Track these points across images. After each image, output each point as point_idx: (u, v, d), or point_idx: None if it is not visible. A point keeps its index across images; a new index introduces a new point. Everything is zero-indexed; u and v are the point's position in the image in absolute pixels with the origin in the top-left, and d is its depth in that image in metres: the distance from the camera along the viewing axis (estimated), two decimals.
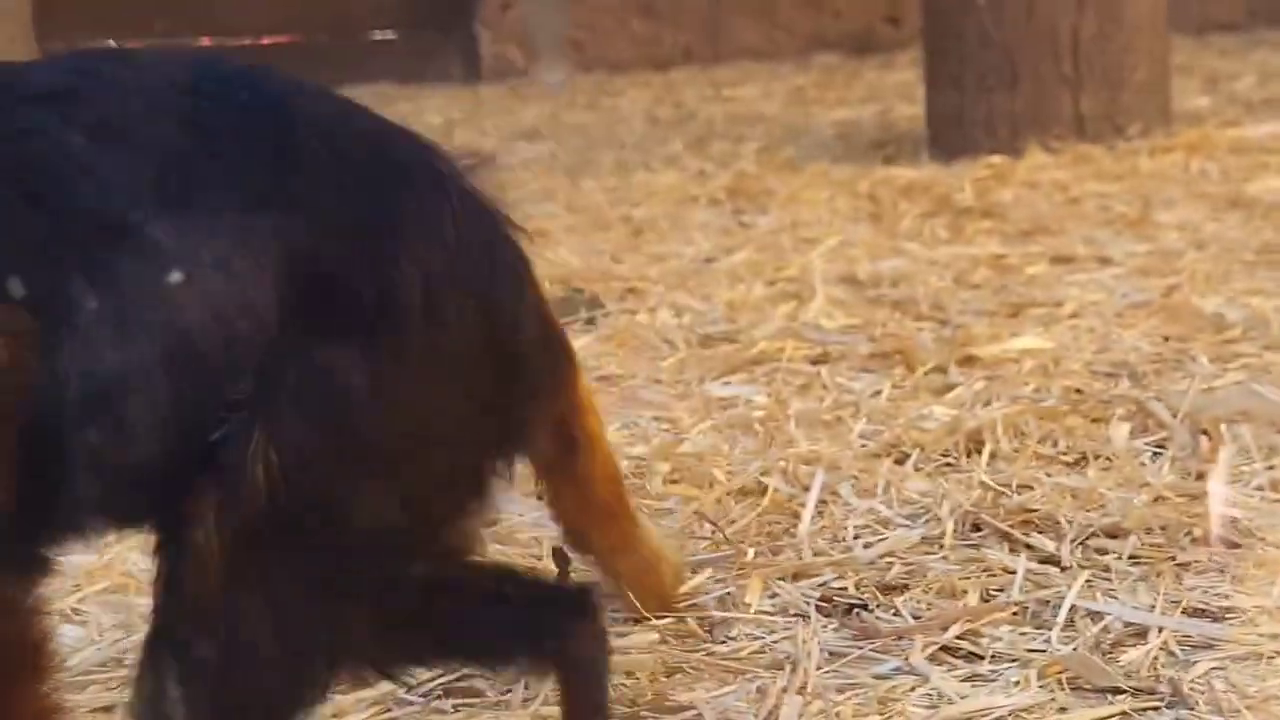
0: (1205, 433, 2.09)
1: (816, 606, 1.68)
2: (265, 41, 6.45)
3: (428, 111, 5.58)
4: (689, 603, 1.69)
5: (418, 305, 1.19)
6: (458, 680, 1.52)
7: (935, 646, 1.59)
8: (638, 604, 1.64)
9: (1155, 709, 1.45)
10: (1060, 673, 1.52)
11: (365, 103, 5.33)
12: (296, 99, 1.24)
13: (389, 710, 1.48)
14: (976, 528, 1.85)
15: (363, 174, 1.22)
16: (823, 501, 1.93)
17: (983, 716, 1.46)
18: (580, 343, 2.64)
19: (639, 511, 1.64)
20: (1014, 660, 1.56)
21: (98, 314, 1.09)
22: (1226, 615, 1.62)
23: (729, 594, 1.72)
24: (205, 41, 6.44)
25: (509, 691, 1.50)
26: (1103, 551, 1.78)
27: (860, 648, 1.59)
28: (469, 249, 1.24)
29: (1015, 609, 1.66)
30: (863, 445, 2.11)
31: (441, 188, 1.25)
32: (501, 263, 1.27)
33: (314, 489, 1.14)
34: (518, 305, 1.28)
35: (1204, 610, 1.63)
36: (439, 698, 1.50)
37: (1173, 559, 1.75)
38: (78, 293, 1.09)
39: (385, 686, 1.50)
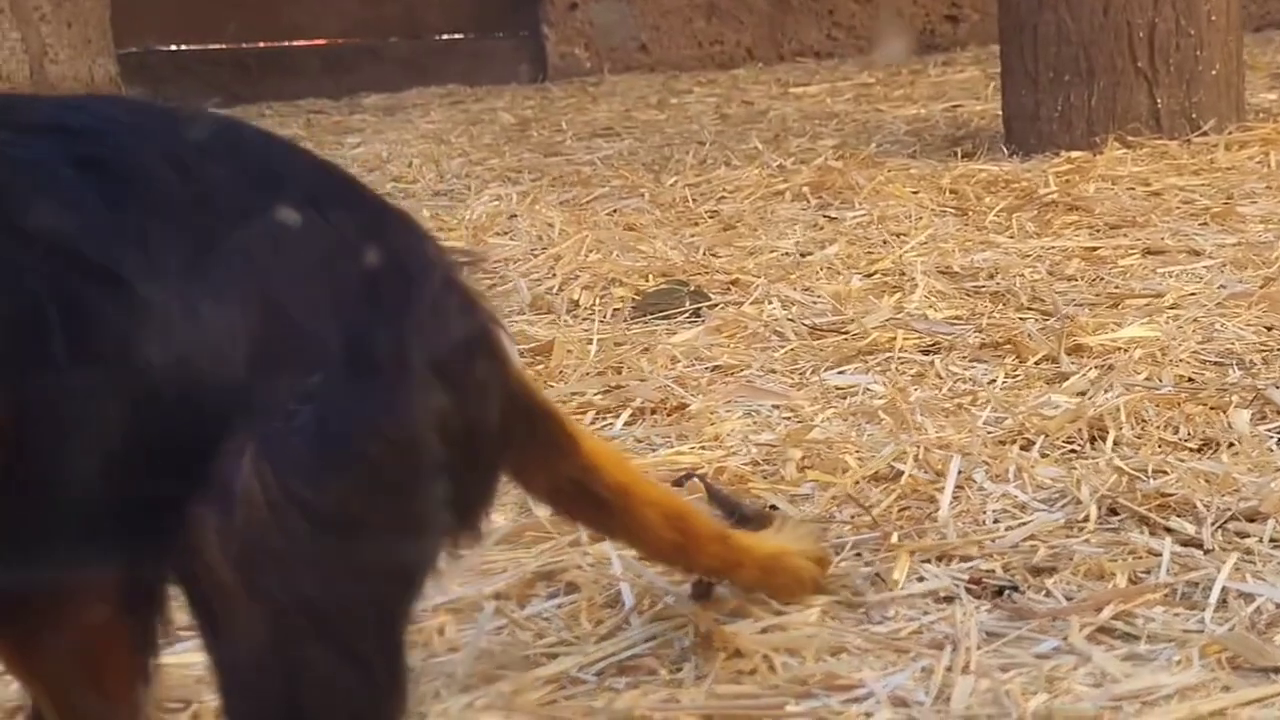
0: None
1: (966, 588, 1.69)
2: (336, 43, 6.47)
3: (500, 111, 5.60)
4: (840, 584, 1.69)
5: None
6: (630, 659, 1.53)
7: (1091, 627, 1.59)
8: (786, 599, 1.66)
9: None
10: (1220, 653, 1.52)
11: (436, 104, 5.41)
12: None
13: (563, 688, 1.49)
14: (1114, 511, 1.85)
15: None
16: (958, 487, 1.93)
17: (1149, 695, 1.46)
18: (688, 335, 2.66)
19: (724, 526, 1.64)
20: (1170, 641, 1.57)
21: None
22: None
23: (878, 576, 1.72)
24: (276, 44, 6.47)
25: (679, 669, 1.51)
26: (1243, 535, 1.78)
27: (1017, 628, 1.60)
28: (442, 334, 1.21)
29: (1165, 590, 1.66)
30: (989, 432, 2.12)
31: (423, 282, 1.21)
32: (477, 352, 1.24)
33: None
34: (488, 389, 1.25)
35: None
36: (613, 675, 1.51)
37: None
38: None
39: (559, 665, 1.51)
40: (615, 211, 3.66)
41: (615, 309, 2.82)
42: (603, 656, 1.52)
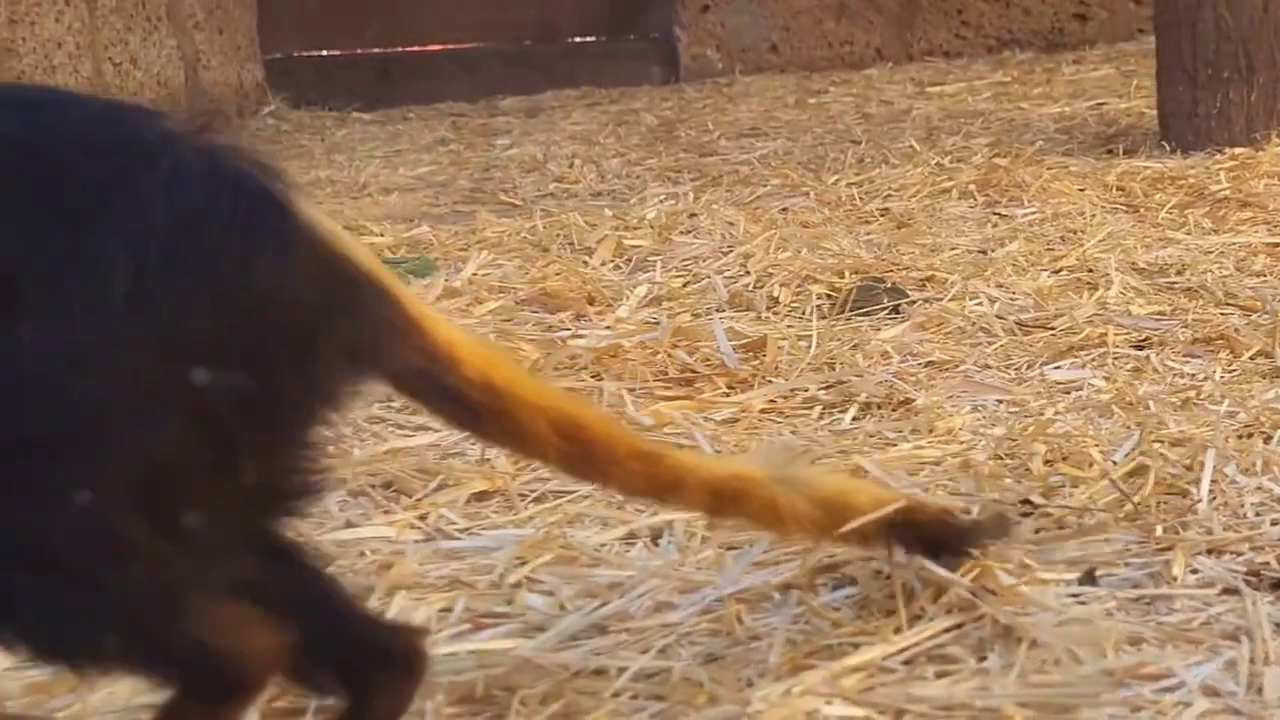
0: None
1: (1244, 580, 1.68)
2: (473, 47, 6.51)
3: (640, 112, 5.61)
4: (1107, 575, 1.69)
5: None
6: (933, 649, 1.53)
7: None
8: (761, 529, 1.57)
9: None
10: None
11: (574, 106, 5.42)
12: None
13: (873, 676, 1.49)
14: None
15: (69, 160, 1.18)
16: (1211, 480, 1.92)
17: None
18: (895, 331, 2.66)
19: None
20: None
21: None
22: None
23: (1152, 568, 1.71)
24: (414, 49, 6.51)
25: (984, 659, 1.51)
26: None
27: None
28: (191, 220, 1.18)
29: None
30: (1229, 425, 2.10)
31: (153, 160, 1.19)
32: (242, 225, 1.19)
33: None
34: (274, 265, 1.20)
35: None
36: (922, 664, 1.51)
37: None
38: None
39: (865, 655, 1.51)
40: (785, 210, 3.66)
41: (815, 305, 2.83)
42: (907, 646, 1.53)
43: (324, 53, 6.49)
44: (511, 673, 1.49)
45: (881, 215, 3.59)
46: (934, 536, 1.60)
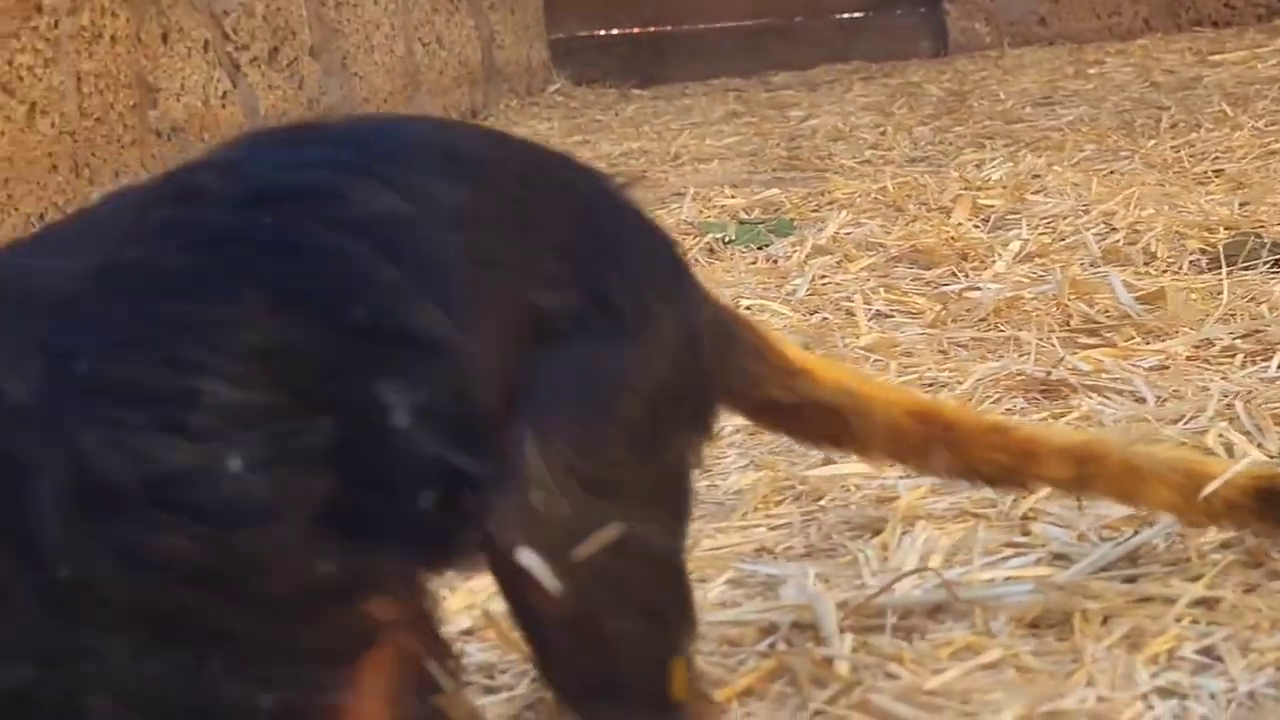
0: None
1: None
2: (748, 24, 6.52)
3: (921, 83, 5.57)
4: None
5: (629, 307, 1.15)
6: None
7: None
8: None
9: None
10: None
11: (849, 79, 5.38)
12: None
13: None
14: None
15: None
16: None
17: None
18: None
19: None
20: None
21: None
22: None
23: None
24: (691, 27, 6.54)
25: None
26: None
27: None
28: (651, 254, 1.20)
29: None
30: None
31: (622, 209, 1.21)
32: (675, 261, 1.23)
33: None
34: (702, 309, 1.23)
35: None
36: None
37: None
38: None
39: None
40: (1113, 173, 3.60)
41: (1190, 259, 2.78)
42: None
43: (603, 32, 6.54)
44: (1067, 596, 1.49)
45: (1215, 176, 3.52)
46: None
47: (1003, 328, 2.47)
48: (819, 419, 1.36)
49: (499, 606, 1.43)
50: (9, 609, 0.91)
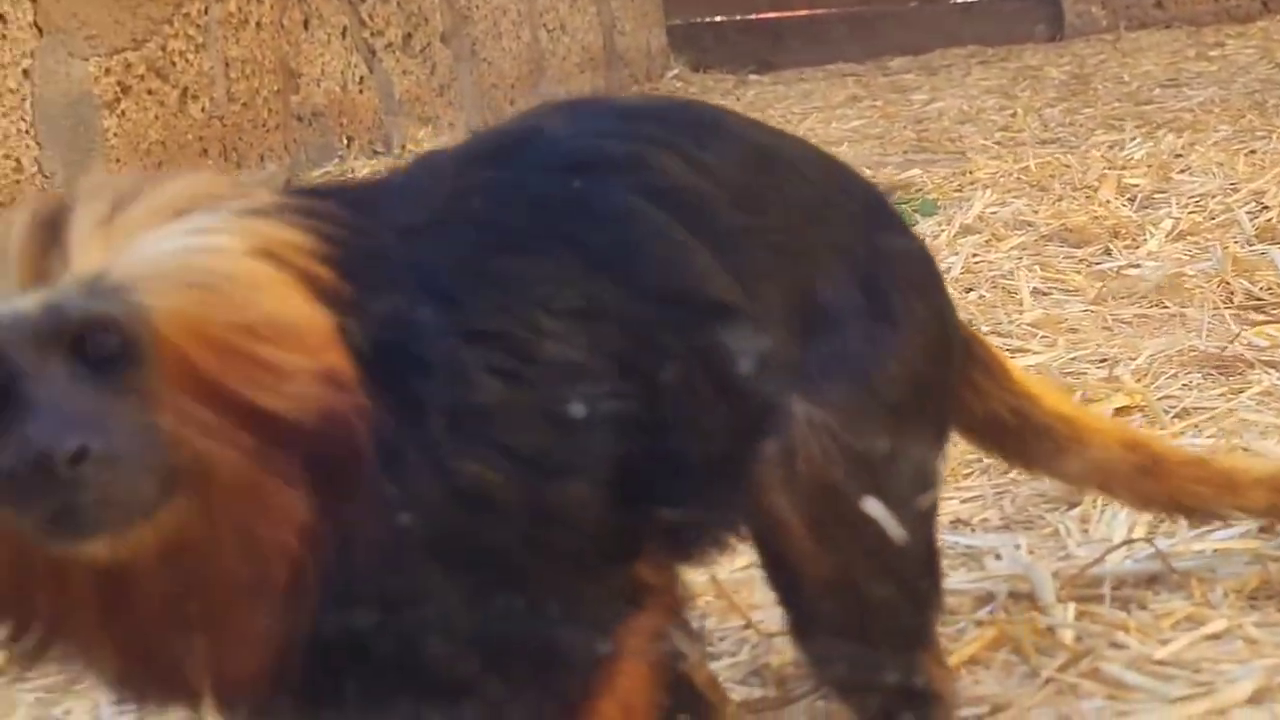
0: None
1: None
2: (863, 10, 6.48)
3: (1041, 66, 5.50)
4: None
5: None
6: None
7: None
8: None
9: None
10: None
11: (968, 63, 5.28)
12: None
13: None
14: None
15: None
16: None
17: None
18: None
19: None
20: None
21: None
22: None
23: None
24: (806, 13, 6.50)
25: None
26: None
27: None
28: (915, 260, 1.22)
29: None
30: None
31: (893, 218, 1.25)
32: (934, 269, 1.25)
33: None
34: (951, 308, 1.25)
35: None
36: None
37: None
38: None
39: None
40: (1253, 152, 3.54)
41: None
42: None
43: (720, 18, 6.52)
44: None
45: None
46: None
47: (1167, 304, 2.44)
48: (1034, 441, 1.36)
49: (724, 574, 1.43)
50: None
